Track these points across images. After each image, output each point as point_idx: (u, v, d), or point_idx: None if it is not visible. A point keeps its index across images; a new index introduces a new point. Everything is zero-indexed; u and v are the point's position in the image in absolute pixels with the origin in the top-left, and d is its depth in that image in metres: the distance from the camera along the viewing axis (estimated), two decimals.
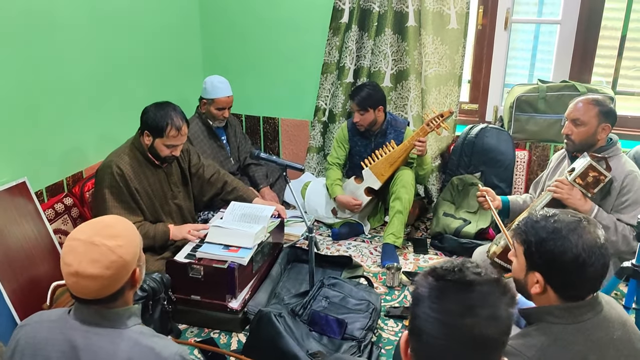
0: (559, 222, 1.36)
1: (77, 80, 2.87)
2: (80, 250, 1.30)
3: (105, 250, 1.30)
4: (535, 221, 1.40)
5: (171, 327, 2.45)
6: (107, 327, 1.33)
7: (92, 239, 1.31)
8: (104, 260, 1.29)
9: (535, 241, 1.37)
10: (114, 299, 1.34)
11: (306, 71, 3.87)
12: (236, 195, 3.01)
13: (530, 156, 3.55)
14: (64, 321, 1.35)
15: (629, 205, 2.37)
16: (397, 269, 2.89)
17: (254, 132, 4.16)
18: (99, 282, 1.29)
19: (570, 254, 1.32)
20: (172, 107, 2.63)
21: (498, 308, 0.98)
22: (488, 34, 3.66)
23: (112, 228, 1.35)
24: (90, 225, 1.36)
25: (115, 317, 1.34)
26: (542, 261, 1.36)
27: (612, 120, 2.41)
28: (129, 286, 1.37)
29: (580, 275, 1.33)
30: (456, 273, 1.02)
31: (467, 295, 0.99)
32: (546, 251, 1.34)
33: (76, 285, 1.30)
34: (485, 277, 1.01)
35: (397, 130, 3.37)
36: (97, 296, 1.31)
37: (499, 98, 3.78)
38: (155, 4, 3.43)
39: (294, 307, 2.43)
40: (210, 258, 2.50)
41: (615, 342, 1.34)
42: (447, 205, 3.48)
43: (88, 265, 1.28)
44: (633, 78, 3.61)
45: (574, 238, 1.32)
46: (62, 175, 2.84)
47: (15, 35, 2.48)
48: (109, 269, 1.29)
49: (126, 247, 1.33)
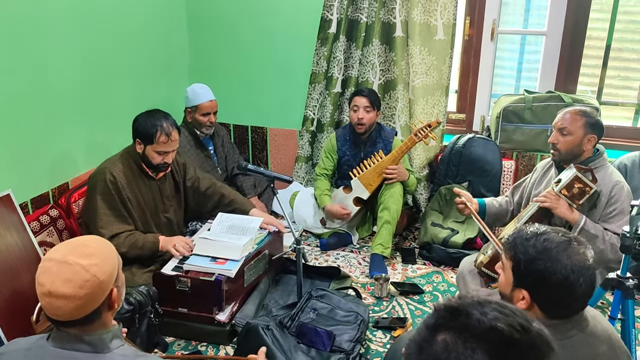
0: (549, 241, 1.34)
1: (62, 89, 2.85)
2: (53, 270, 1.27)
3: (78, 269, 1.26)
4: (525, 238, 1.38)
5: (158, 340, 2.43)
6: (88, 352, 1.29)
7: (65, 258, 1.28)
8: (77, 279, 1.26)
9: (525, 259, 1.35)
10: (90, 320, 1.29)
11: (294, 81, 3.87)
12: (233, 207, 2.97)
13: (517, 166, 3.57)
14: (43, 349, 1.31)
15: (616, 214, 2.39)
16: (385, 279, 2.89)
17: (242, 142, 4.15)
18: (73, 302, 1.25)
19: (559, 275, 1.30)
20: (162, 114, 2.64)
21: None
22: (475, 45, 3.69)
23: (87, 247, 1.32)
24: (65, 245, 1.33)
25: (97, 341, 1.30)
26: (530, 280, 1.35)
27: (599, 132, 2.43)
28: (105, 307, 1.33)
29: (568, 295, 1.32)
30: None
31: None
32: (535, 270, 1.33)
33: (50, 305, 1.26)
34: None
35: (386, 140, 3.39)
36: (72, 317, 1.27)
37: (486, 108, 3.81)
38: (142, 11, 3.42)
39: (282, 319, 2.42)
40: (197, 270, 2.49)
41: (600, 356, 1.34)
42: (435, 215, 3.49)
43: (61, 285, 1.25)
44: (617, 87, 3.65)
45: (563, 259, 1.31)
46: (47, 186, 2.82)
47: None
48: (82, 289, 1.25)
49: (101, 265, 1.30)
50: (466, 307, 0.91)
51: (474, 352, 0.85)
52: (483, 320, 0.88)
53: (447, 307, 0.93)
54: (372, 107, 3.26)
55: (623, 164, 3.00)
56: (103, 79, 3.14)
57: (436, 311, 0.94)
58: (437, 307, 0.94)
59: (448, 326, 0.90)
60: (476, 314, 0.89)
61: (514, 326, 0.88)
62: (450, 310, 0.92)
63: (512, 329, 0.88)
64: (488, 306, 0.91)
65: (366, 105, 3.25)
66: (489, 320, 0.88)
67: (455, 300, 0.94)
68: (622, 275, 2.01)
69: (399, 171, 3.23)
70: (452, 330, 0.89)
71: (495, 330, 0.87)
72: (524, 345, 0.88)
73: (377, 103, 3.29)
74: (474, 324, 0.88)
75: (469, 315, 0.90)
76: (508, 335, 0.87)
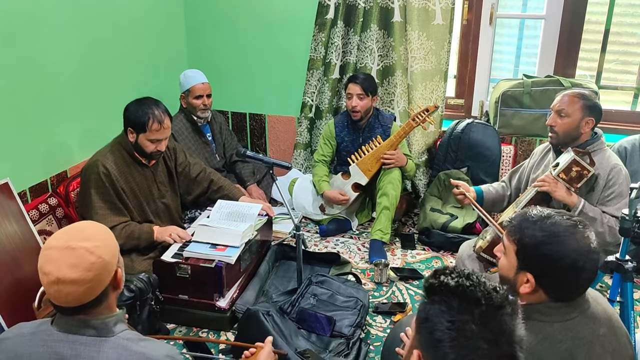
0: (557, 225, 1.34)
1: (60, 78, 2.83)
2: (57, 257, 1.26)
3: (83, 252, 1.26)
4: (531, 222, 1.37)
5: (159, 327, 2.44)
6: (93, 335, 1.30)
7: (68, 243, 1.27)
8: (84, 262, 1.26)
9: (531, 243, 1.34)
10: (99, 303, 1.30)
11: (292, 67, 3.85)
12: (222, 194, 2.99)
13: (516, 151, 3.57)
14: (46, 333, 1.31)
15: (614, 197, 2.41)
16: (384, 265, 2.90)
17: (241, 129, 4.14)
18: (83, 286, 1.25)
19: (568, 259, 1.30)
20: (153, 101, 2.62)
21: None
22: (473, 29, 3.67)
23: (85, 231, 1.32)
24: (63, 232, 1.33)
25: (101, 325, 1.31)
26: (537, 263, 1.34)
27: (596, 115, 2.43)
28: (112, 288, 1.34)
29: (573, 279, 1.32)
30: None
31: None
32: (542, 254, 1.32)
33: (59, 293, 1.26)
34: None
35: (384, 126, 3.38)
36: (82, 302, 1.27)
37: (485, 93, 3.80)
38: (140, 1, 3.39)
39: (282, 305, 2.43)
40: (197, 257, 2.49)
41: (601, 338, 1.34)
42: (434, 200, 3.49)
43: (68, 271, 1.25)
44: (616, 72, 3.64)
45: (571, 243, 1.31)
46: (46, 175, 2.81)
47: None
48: (90, 271, 1.26)
49: (103, 246, 1.30)
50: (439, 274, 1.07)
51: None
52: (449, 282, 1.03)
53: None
54: (366, 94, 3.25)
55: (623, 147, 3.00)
56: (101, 68, 3.12)
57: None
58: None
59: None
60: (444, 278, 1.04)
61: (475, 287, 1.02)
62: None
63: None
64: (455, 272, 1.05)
65: (359, 92, 3.24)
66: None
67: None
68: (621, 258, 2.02)
69: (397, 156, 3.22)
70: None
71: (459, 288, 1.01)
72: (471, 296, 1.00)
73: (371, 89, 3.27)
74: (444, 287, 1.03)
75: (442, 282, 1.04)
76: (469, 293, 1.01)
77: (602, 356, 1.33)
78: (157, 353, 1.32)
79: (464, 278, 1.02)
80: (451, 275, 1.04)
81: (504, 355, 0.97)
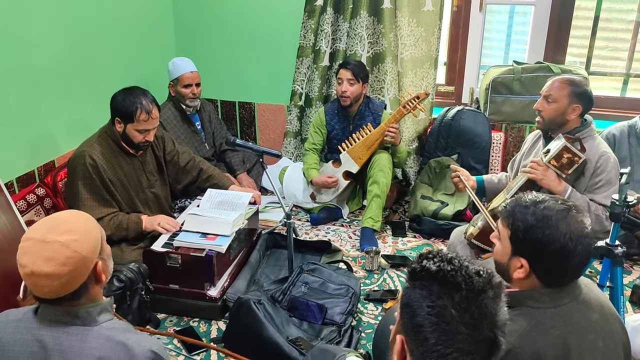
0: (549, 209, 1.34)
1: (44, 65, 2.79)
2: (33, 250, 1.24)
3: (58, 246, 1.24)
4: (524, 206, 1.37)
5: (149, 317, 2.43)
6: (76, 325, 1.29)
7: (44, 236, 1.25)
8: (59, 257, 1.24)
9: (524, 227, 1.35)
10: (78, 296, 1.29)
11: (282, 55, 3.82)
12: (212, 182, 2.97)
13: (506, 137, 3.57)
14: (31, 321, 1.30)
15: (602, 185, 2.41)
16: (376, 252, 2.90)
17: (230, 118, 4.11)
18: (57, 280, 1.24)
19: (558, 243, 1.31)
20: (140, 91, 2.58)
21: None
22: (463, 16, 3.65)
23: (66, 224, 1.30)
24: (43, 223, 1.31)
25: (84, 314, 1.30)
26: (529, 247, 1.35)
27: (585, 103, 2.42)
28: (92, 281, 1.32)
29: (566, 263, 1.32)
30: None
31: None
32: (534, 238, 1.33)
33: (35, 285, 1.25)
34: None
35: (375, 113, 3.37)
36: (58, 295, 1.26)
37: (475, 80, 3.79)
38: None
39: (274, 294, 2.43)
40: (187, 247, 2.48)
41: (593, 324, 1.35)
42: (424, 187, 3.49)
43: (43, 264, 1.23)
44: (606, 58, 3.64)
45: (562, 227, 1.31)
46: (32, 165, 2.78)
47: None
48: (65, 266, 1.24)
49: (82, 241, 1.28)
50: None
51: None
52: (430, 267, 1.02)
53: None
54: (356, 80, 3.23)
55: (612, 134, 3.00)
56: (87, 56, 3.07)
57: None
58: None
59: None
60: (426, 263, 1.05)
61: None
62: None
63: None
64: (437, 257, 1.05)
65: (349, 77, 3.22)
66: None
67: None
68: (611, 243, 2.03)
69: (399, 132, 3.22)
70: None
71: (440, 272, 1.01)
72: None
73: (362, 75, 3.25)
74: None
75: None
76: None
77: (595, 342, 1.34)
78: (140, 346, 1.30)
79: (446, 262, 1.02)
80: (433, 259, 1.03)
81: (486, 339, 0.97)
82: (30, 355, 1.27)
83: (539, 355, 1.27)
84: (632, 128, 2.97)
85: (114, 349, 1.28)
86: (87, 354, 1.26)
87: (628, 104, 3.57)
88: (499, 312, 0.99)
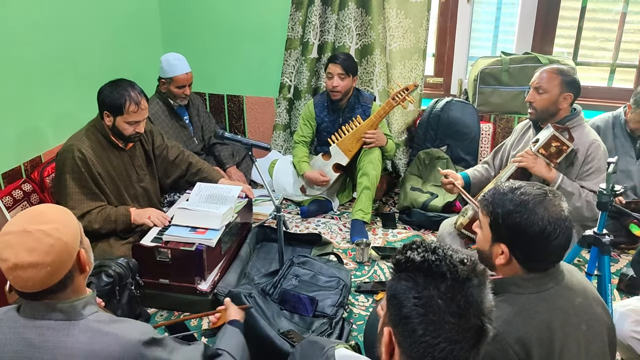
0: (526, 194, 1.37)
1: (29, 59, 2.75)
2: (14, 242, 1.22)
3: (40, 235, 1.22)
4: (502, 193, 1.40)
5: (139, 312, 2.41)
6: (61, 319, 1.26)
7: (24, 227, 1.23)
8: (42, 246, 1.22)
9: (502, 213, 1.37)
10: (63, 287, 1.27)
11: (270, 47, 3.80)
12: (201, 176, 2.95)
13: (495, 128, 3.58)
14: (13, 320, 1.27)
15: (592, 172, 2.44)
16: (366, 244, 2.90)
17: (219, 111, 4.08)
18: (42, 269, 1.21)
19: (536, 227, 1.33)
20: (128, 82, 2.56)
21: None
22: (451, 7, 3.65)
23: (44, 215, 1.28)
24: (21, 217, 1.29)
25: (69, 308, 1.27)
26: (508, 233, 1.37)
27: (575, 91, 2.45)
28: (77, 271, 1.30)
29: (545, 247, 1.34)
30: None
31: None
32: (512, 223, 1.35)
33: (19, 279, 1.22)
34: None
35: (364, 106, 3.36)
36: (44, 286, 1.24)
37: (464, 71, 3.79)
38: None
39: (264, 287, 2.43)
40: (177, 241, 2.47)
41: (576, 308, 1.37)
42: (414, 179, 3.50)
43: (26, 255, 1.21)
44: (593, 48, 3.66)
45: (540, 211, 1.34)
46: (19, 160, 2.75)
47: None
48: (48, 254, 1.22)
49: (62, 229, 1.26)
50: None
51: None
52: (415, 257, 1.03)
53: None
54: (347, 74, 3.22)
55: (596, 125, 3.01)
56: (72, 49, 3.03)
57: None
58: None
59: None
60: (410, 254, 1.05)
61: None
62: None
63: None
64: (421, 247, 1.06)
65: (340, 72, 3.21)
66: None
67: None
68: (599, 232, 2.05)
69: (378, 136, 3.21)
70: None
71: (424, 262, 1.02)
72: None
73: (352, 69, 3.24)
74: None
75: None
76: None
77: (578, 325, 1.36)
78: (130, 334, 1.29)
79: (430, 252, 1.02)
80: (417, 250, 1.04)
81: (473, 327, 0.97)
82: (15, 354, 1.24)
83: (524, 340, 1.29)
84: (617, 119, 3.00)
85: (103, 341, 1.25)
86: (76, 349, 1.24)
87: (615, 94, 3.59)
88: (484, 300, 1.00)
